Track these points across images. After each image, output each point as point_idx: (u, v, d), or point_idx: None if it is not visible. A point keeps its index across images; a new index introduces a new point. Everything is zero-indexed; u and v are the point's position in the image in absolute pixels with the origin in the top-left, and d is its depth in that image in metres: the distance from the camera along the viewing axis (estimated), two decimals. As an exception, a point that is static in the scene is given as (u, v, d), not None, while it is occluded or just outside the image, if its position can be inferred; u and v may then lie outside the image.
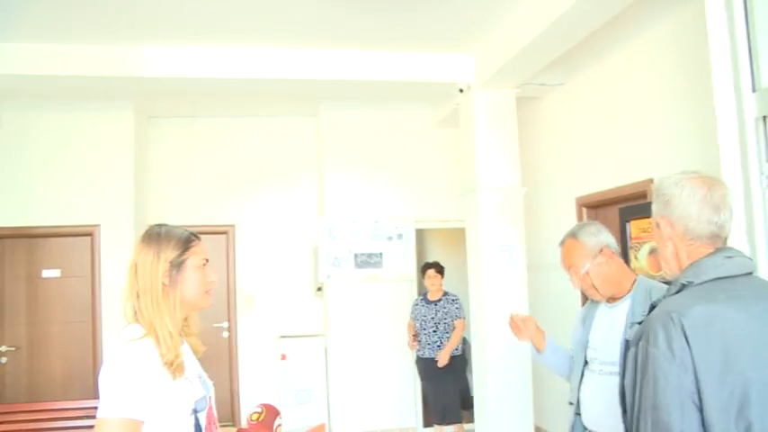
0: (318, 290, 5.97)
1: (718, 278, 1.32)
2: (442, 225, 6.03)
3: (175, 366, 1.50)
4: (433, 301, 5.22)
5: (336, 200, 5.82)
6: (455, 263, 6.09)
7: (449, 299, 5.20)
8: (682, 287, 1.34)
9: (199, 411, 1.55)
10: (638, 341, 1.31)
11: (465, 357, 5.30)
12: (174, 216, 5.18)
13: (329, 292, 5.77)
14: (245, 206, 6.10)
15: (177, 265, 1.58)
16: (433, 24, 4.20)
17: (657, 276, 3.42)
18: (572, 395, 2.21)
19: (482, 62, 4.67)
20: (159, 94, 5.24)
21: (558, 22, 3.55)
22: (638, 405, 1.28)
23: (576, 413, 2.17)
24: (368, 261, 5.77)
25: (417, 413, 5.74)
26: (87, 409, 4.54)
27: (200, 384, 1.61)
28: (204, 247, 1.67)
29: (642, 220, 4.01)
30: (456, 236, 5.78)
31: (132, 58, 4.36)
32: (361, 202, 5.84)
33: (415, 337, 5.26)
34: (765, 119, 2.25)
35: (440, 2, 3.82)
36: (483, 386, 4.70)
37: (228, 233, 6.07)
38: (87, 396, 4.86)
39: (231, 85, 4.73)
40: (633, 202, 4.17)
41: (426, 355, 5.16)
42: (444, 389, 5.08)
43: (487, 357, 4.61)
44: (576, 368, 2.21)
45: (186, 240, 1.62)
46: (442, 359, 4.99)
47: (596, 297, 2.16)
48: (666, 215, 1.42)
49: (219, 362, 5.83)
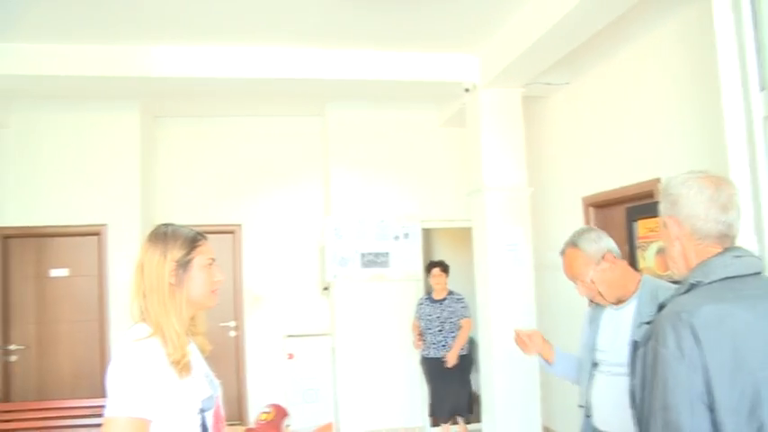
0: (325, 289, 5.97)
1: (727, 278, 1.31)
2: (449, 224, 6.01)
3: (182, 366, 1.51)
4: (437, 300, 5.21)
5: (343, 199, 5.82)
6: (461, 262, 6.09)
7: (454, 298, 5.18)
8: (690, 287, 1.34)
9: (206, 411, 1.55)
10: (647, 341, 1.31)
11: (471, 357, 5.29)
12: (181, 216, 5.19)
13: (336, 292, 5.77)
14: (251, 206, 6.11)
15: (184, 265, 1.58)
16: (439, 24, 4.20)
17: (665, 276, 3.40)
18: (582, 398, 2.20)
19: (487, 62, 4.66)
20: (166, 93, 5.26)
21: (563, 22, 3.54)
22: (647, 405, 1.27)
23: (587, 416, 2.17)
24: (374, 260, 5.77)
25: (424, 412, 5.73)
26: (95, 407, 4.56)
27: (206, 384, 1.62)
28: (211, 246, 1.68)
29: (649, 219, 4.00)
30: (462, 235, 5.77)
31: (139, 58, 4.38)
32: (367, 202, 5.84)
33: (421, 336, 5.25)
34: (774, 117, 2.24)
35: (446, 2, 3.82)
36: (490, 386, 4.69)
37: (235, 233, 6.08)
38: (95, 394, 4.89)
39: (238, 84, 4.74)
40: (640, 201, 4.15)
41: (431, 354, 5.15)
42: (451, 388, 5.06)
43: (494, 357, 4.60)
44: (585, 371, 2.20)
45: (193, 240, 1.63)
46: (451, 359, 4.98)
47: (603, 302, 2.14)
48: (674, 215, 1.42)
49: (227, 361, 5.85)
